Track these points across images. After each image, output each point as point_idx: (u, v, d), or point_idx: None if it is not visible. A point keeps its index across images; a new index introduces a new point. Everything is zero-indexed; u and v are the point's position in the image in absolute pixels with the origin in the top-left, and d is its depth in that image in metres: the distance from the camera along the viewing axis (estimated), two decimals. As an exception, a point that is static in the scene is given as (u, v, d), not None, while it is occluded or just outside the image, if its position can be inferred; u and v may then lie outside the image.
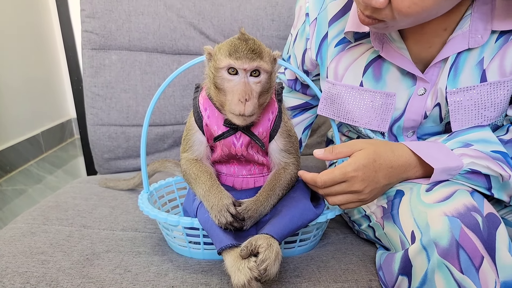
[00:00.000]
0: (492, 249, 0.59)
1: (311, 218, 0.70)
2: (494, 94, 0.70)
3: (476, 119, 0.71)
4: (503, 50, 0.69)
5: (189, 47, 1.25)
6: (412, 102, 0.75)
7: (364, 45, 0.78)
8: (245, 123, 0.64)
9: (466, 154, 0.67)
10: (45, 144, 2.77)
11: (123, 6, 1.19)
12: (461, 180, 0.68)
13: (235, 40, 0.64)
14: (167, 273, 0.70)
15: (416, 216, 0.63)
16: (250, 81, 0.64)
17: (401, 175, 0.69)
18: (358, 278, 0.69)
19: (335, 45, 0.81)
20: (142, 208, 0.76)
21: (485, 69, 0.69)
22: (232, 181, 0.75)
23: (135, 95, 1.22)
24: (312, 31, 0.83)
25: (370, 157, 0.66)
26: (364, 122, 0.79)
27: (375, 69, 0.77)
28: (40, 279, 0.66)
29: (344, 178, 0.65)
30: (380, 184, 0.68)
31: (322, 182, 0.66)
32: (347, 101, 0.79)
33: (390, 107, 0.76)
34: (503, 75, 0.69)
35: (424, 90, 0.74)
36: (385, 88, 0.77)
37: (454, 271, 0.57)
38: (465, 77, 0.70)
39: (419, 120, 0.76)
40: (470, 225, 0.58)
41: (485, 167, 0.66)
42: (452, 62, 0.71)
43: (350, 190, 0.66)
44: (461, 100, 0.71)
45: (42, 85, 2.78)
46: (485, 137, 0.70)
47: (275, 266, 0.58)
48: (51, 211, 0.90)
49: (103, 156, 1.24)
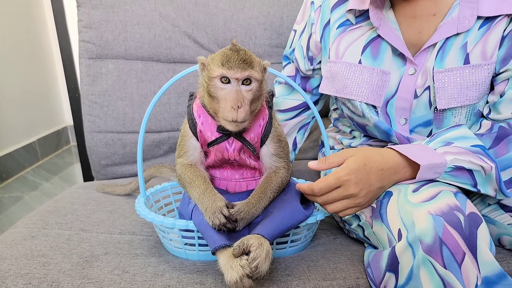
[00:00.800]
0: (473, 246, 0.62)
1: (300, 219, 0.73)
2: (476, 75, 0.77)
3: (459, 97, 0.78)
4: (485, 36, 0.76)
5: (183, 55, 1.28)
6: (404, 81, 0.82)
7: (363, 27, 0.85)
8: (237, 129, 0.68)
9: (449, 152, 0.72)
10: (41, 151, 2.79)
11: (119, 16, 1.22)
12: (448, 178, 0.72)
13: (227, 51, 0.68)
14: (163, 273, 0.73)
15: (403, 215, 0.67)
16: (242, 89, 0.67)
17: (392, 177, 0.73)
18: (346, 276, 0.73)
19: (336, 28, 0.88)
20: (139, 211, 0.79)
21: (468, 53, 0.77)
22: (225, 184, 0.78)
23: (131, 102, 1.25)
24: (317, 16, 0.92)
25: (360, 162, 0.70)
26: (361, 96, 0.84)
27: (373, 48, 0.84)
28: (41, 280, 0.69)
29: (338, 182, 0.69)
30: (373, 187, 0.71)
31: (319, 189, 0.70)
32: (346, 77, 0.86)
33: (385, 84, 0.83)
34: (484, 59, 0.76)
35: (414, 70, 0.81)
36: (382, 66, 0.83)
37: (437, 267, 0.61)
38: (451, 59, 0.77)
39: (410, 100, 0.82)
40: (453, 223, 0.62)
41: (467, 161, 0.70)
42: (440, 46, 0.78)
43: (346, 195, 0.69)
44: (446, 79, 0.77)
45: (38, 94, 2.80)
46: (463, 134, 0.75)
47: (265, 264, 0.61)
48: (50, 216, 0.93)
49: (100, 162, 1.27)
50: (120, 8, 1.22)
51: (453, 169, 0.71)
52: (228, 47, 0.69)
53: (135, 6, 1.23)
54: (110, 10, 1.22)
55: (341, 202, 0.71)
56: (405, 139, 0.85)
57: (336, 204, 0.71)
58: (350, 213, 0.73)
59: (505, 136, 0.76)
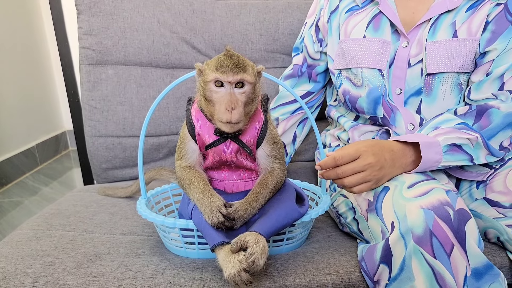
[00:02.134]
0: (462, 239, 0.67)
1: (295, 217, 0.76)
2: (461, 48, 0.88)
3: (446, 64, 0.89)
4: (471, 17, 0.88)
5: (182, 61, 1.32)
6: (399, 52, 0.93)
7: (367, 9, 0.99)
8: (232, 130, 0.71)
9: (439, 134, 0.81)
10: (40, 156, 2.81)
11: (118, 23, 1.26)
12: (449, 159, 0.81)
13: (221, 57, 0.72)
14: (165, 271, 0.76)
15: (396, 209, 0.71)
16: (235, 92, 0.71)
17: (401, 160, 0.80)
18: (339, 271, 0.76)
19: (345, 13, 1.02)
20: (140, 212, 0.82)
21: (456, 29, 0.89)
22: (223, 185, 0.81)
23: (130, 107, 1.28)
24: (326, 3, 1.07)
25: (373, 141, 0.80)
26: (367, 63, 0.96)
27: (375, 23, 0.97)
28: (48, 279, 0.72)
29: (358, 153, 0.76)
30: (387, 163, 0.78)
31: (340, 156, 0.75)
32: (353, 50, 0.98)
33: (386, 50, 0.95)
34: (469, 35, 0.88)
35: (407, 43, 0.93)
36: (382, 36, 0.96)
37: (427, 256, 0.65)
38: (441, 33, 0.90)
39: (405, 68, 0.93)
40: (443, 217, 0.67)
41: (456, 137, 0.81)
42: (432, 23, 0.91)
43: (364, 164, 0.75)
44: (436, 48, 0.89)
45: (37, 100, 2.83)
46: (447, 118, 0.86)
47: (262, 259, 0.64)
48: (54, 218, 0.95)
49: (100, 166, 1.30)
50: (119, 15, 1.25)
51: (449, 149, 0.80)
52: (223, 53, 0.73)
53: (134, 13, 1.26)
54: (110, 17, 1.25)
55: (358, 175, 0.76)
56: (390, 110, 0.94)
57: (354, 177, 0.76)
58: (365, 188, 0.78)
59: (485, 110, 0.85)
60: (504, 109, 0.83)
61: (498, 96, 0.85)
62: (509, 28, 0.85)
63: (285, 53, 1.38)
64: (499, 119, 0.83)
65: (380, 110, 0.95)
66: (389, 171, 0.78)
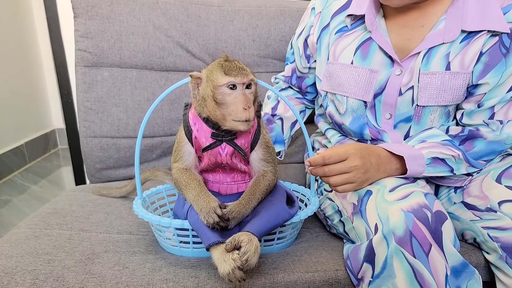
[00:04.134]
0: (439, 239, 0.72)
1: (286, 218, 0.81)
2: (453, 81, 0.88)
3: (437, 98, 0.89)
4: (465, 49, 0.87)
5: (176, 64, 1.35)
6: (391, 79, 0.92)
7: (357, 32, 0.96)
8: (248, 127, 0.75)
9: (424, 147, 0.85)
10: (29, 154, 2.80)
11: (114, 27, 1.28)
12: (431, 171, 0.85)
13: (224, 62, 0.76)
14: (161, 268, 0.79)
15: (380, 211, 0.76)
16: (246, 92, 0.76)
17: (386, 166, 0.84)
18: (326, 268, 0.81)
19: (335, 33, 0.99)
20: (137, 212, 0.85)
21: (450, 61, 0.87)
22: (218, 187, 0.85)
23: (125, 109, 1.31)
24: (316, 21, 1.04)
25: (363, 145, 0.84)
26: (352, 93, 0.96)
27: (363, 50, 0.94)
28: (48, 276, 0.74)
29: (346, 154, 0.79)
30: (372, 168, 0.82)
31: (329, 156, 0.79)
32: (340, 76, 0.97)
33: (373, 81, 0.93)
34: (462, 68, 0.87)
35: (400, 71, 0.91)
36: (370, 66, 0.93)
37: (407, 256, 0.70)
38: (435, 64, 0.88)
39: (396, 96, 0.92)
40: (421, 219, 0.71)
41: (439, 152, 0.85)
42: (425, 52, 0.89)
43: (350, 166, 0.79)
44: (429, 81, 0.89)
45: (26, 98, 2.81)
46: (434, 133, 0.90)
47: (254, 257, 0.68)
48: (51, 217, 0.98)
49: (95, 166, 1.32)
50: (116, 19, 1.28)
51: (431, 161, 0.85)
52: (222, 59, 0.77)
53: (130, 17, 1.29)
54: (106, 21, 1.27)
55: (344, 175, 0.80)
56: (377, 133, 0.96)
57: (340, 177, 0.80)
58: (348, 189, 0.82)
59: (473, 137, 0.89)
60: (489, 139, 0.88)
61: (489, 125, 0.89)
62: (502, 62, 0.85)
63: (277, 59, 1.42)
64: (482, 145, 0.89)
65: (367, 135, 0.97)
66: (373, 175, 0.83)
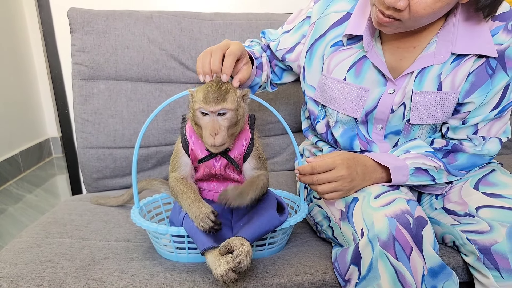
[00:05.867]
0: (419, 242, 0.77)
1: (276, 224, 0.86)
2: (444, 101, 0.91)
3: (428, 117, 0.93)
4: (455, 70, 0.90)
5: (170, 76, 1.40)
6: (384, 98, 0.94)
7: (352, 49, 0.97)
8: (217, 151, 0.80)
9: (408, 157, 0.91)
10: (24, 163, 2.82)
11: (110, 41, 1.33)
12: (414, 180, 0.91)
13: (211, 84, 0.79)
14: (158, 273, 0.84)
15: (365, 217, 0.81)
16: (218, 119, 0.79)
17: (372, 175, 0.89)
18: (314, 271, 0.86)
19: (330, 46, 0.99)
20: (135, 220, 0.89)
21: (441, 81, 0.91)
22: (212, 195, 0.90)
23: (121, 120, 1.35)
24: (309, 31, 1.03)
25: (350, 155, 0.88)
26: (343, 108, 0.98)
27: (357, 68, 0.96)
28: (51, 282, 0.79)
29: (333, 164, 0.84)
30: (358, 177, 0.86)
31: (317, 166, 0.84)
32: (332, 90, 0.99)
33: (363, 99, 0.96)
34: (452, 88, 0.91)
35: (393, 90, 0.93)
36: (362, 84, 0.96)
37: (391, 258, 0.75)
38: (427, 84, 0.91)
39: (387, 113, 0.95)
40: (403, 224, 0.77)
41: (422, 163, 0.90)
42: (418, 73, 0.91)
43: (337, 176, 0.84)
44: (421, 100, 0.92)
45: (20, 108, 2.83)
46: (418, 144, 0.95)
47: (247, 260, 0.73)
48: (51, 226, 1.02)
49: (92, 176, 1.36)
50: (111, 33, 1.33)
51: (415, 171, 0.90)
52: (215, 80, 0.80)
53: (125, 32, 1.34)
54: (102, 35, 1.32)
55: (331, 184, 0.85)
56: (366, 144, 1.01)
57: (327, 185, 0.85)
58: (335, 196, 0.87)
59: (456, 150, 0.95)
60: (471, 153, 0.94)
61: (472, 140, 0.94)
62: (487, 82, 0.88)
63: (267, 70, 1.48)
64: (464, 159, 0.94)
65: (357, 145, 1.02)
66: (359, 183, 0.88)
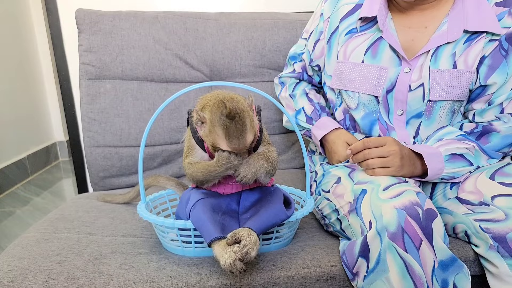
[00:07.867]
0: (429, 235, 0.76)
1: (283, 218, 0.85)
2: (460, 78, 0.96)
3: (447, 93, 0.97)
4: (467, 50, 0.96)
5: (175, 75, 1.41)
6: (400, 77, 0.99)
7: (366, 34, 1.04)
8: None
9: (441, 145, 0.94)
10: (31, 167, 2.85)
11: (116, 41, 1.34)
12: (450, 167, 0.93)
13: (226, 120, 0.74)
14: (165, 267, 0.84)
15: (374, 209, 0.81)
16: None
17: (411, 162, 0.92)
18: (322, 264, 0.85)
19: (344, 35, 1.07)
20: (141, 215, 0.89)
21: (456, 60, 0.96)
22: (221, 188, 0.90)
23: (127, 119, 1.36)
24: (325, 26, 1.12)
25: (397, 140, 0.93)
26: (364, 88, 1.03)
27: (373, 50, 1.02)
28: (59, 275, 0.79)
29: (384, 141, 0.90)
30: (406, 158, 0.90)
31: (368, 140, 0.89)
32: (351, 74, 1.04)
33: (383, 77, 1.00)
34: (466, 67, 0.96)
35: (409, 69, 0.98)
36: (380, 63, 1.01)
37: (399, 250, 0.75)
38: (443, 63, 0.96)
39: (406, 92, 0.99)
40: (413, 216, 0.76)
41: (455, 148, 0.93)
42: (433, 52, 0.97)
43: (389, 150, 0.88)
44: (439, 77, 0.96)
45: (27, 112, 2.87)
46: (449, 131, 0.99)
47: (254, 250, 0.73)
48: (59, 222, 1.02)
49: (98, 174, 1.37)
50: (118, 33, 1.34)
51: (450, 158, 0.93)
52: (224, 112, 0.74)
53: (131, 32, 1.36)
54: (109, 36, 1.34)
55: (381, 158, 0.89)
56: (385, 130, 1.04)
57: (378, 159, 0.89)
58: (383, 173, 0.89)
59: (487, 132, 0.97)
60: (503, 132, 0.95)
61: (501, 118, 0.96)
62: (504, 63, 0.94)
63: (272, 68, 1.49)
64: (497, 140, 0.96)
65: (376, 131, 1.04)
66: (407, 163, 0.91)
